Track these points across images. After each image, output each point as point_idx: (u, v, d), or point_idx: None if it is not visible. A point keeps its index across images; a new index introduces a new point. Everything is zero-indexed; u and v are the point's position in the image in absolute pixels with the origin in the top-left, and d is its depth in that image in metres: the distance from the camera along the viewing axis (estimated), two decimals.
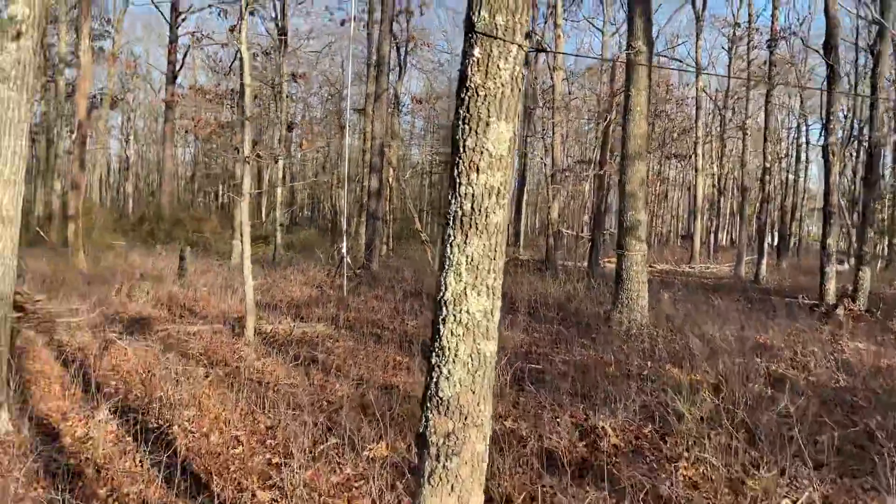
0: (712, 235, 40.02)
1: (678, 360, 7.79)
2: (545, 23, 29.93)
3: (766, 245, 21.79)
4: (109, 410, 5.15)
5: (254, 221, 38.39)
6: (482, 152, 2.24)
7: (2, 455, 4.29)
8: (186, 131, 23.74)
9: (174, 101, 27.02)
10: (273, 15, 25.47)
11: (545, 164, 21.48)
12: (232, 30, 9.19)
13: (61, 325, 8.67)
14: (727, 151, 37.09)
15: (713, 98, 34.28)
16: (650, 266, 27.32)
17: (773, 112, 25.27)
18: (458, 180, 2.31)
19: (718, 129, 32.26)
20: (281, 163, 20.63)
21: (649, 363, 7.84)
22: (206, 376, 6.71)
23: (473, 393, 2.40)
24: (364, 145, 22.70)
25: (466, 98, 2.26)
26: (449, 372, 2.37)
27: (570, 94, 24.97)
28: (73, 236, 16.79)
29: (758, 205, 26.27)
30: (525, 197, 34.42)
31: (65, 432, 4.83)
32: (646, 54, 10.32)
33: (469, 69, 2.25)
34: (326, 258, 19.05)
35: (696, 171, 30.05)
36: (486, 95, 2.22)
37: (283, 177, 21.79)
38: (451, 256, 2.35)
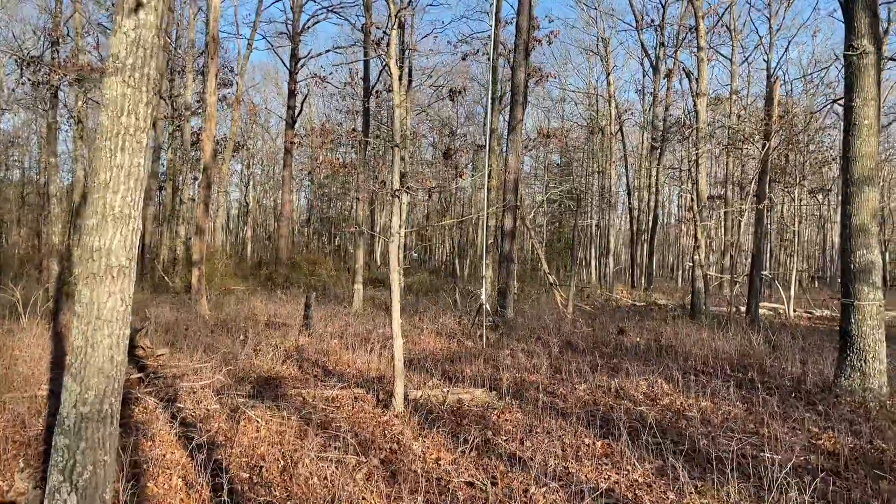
0: None
1: None
2: (677, 48, 27.89)
3: None
4: None
5: (367, 261, 37.83)
6: None
7: None
8: (309, 172, 23.35)
9: (292, 145, 26.88)
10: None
11: (692, 198, 19.29)
12: (377, 44, 8.05)
13: (185, 389, 7.51)
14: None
15: None
16: (807, 312, 24.25)
17: None
18: None
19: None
20: (405, 203, 19.55)
21: None
22: (358, 466, 5.22)
23: None
24: (488, 183, 21.31)
25: None
26: None
27: (724, 121, 22.65)
28: (197, 282, 16.24)
29: None
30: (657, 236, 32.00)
31: None
32: (873, 56, 8.28)
33: None
34: (453, 304, 17.63)
35: None
36: None
37: (405, 217, 20.73)
38: None
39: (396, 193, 6.82)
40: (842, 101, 9.06)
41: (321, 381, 8.54)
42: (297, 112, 32.95)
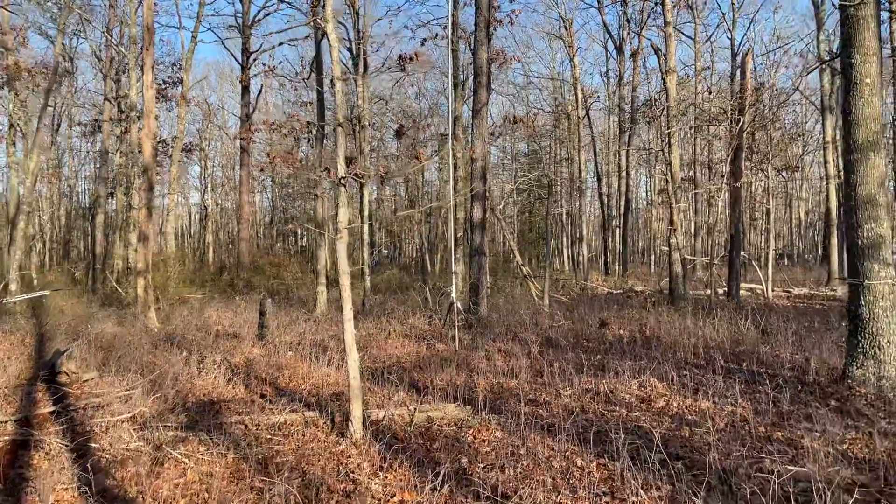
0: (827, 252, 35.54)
1: None
2: (643, 25, 27.15)
3: None
4: None
5: (335, 261, 36.68)
6: None
7: None
8: (262, 169, 22.11)
9: (248, 142, 25.50)
10: (348, 44, 23.69)
11: (667, 179, 18.49)
12: (314, 6, 6.88)
13: (104, 423, 6.35)
14: None
15: None
16: (785, 291, 23.71)
17: None
18: None
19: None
20: (367, 196, 18.42)
21: None
22: None
23: None
24: (455, 174, 20.29)
25: None
26: None
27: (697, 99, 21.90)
28: (143, 293, 14.94)
29: None
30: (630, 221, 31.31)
31: None
32: (872, 6, 7.42)
33: None
34: (423, 302, 16.57)
35: (828, 178, 26.32)
36: None
37: (369, 213, 19.59)
38: None
39: (342, 182, 5.74)
40: (833, 62, 8.21)
41: (270, 401, 7.43)
42: (251, 108, 31.53)
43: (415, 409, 6.44)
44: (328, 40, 5.88)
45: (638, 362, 9.05)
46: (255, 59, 30.17)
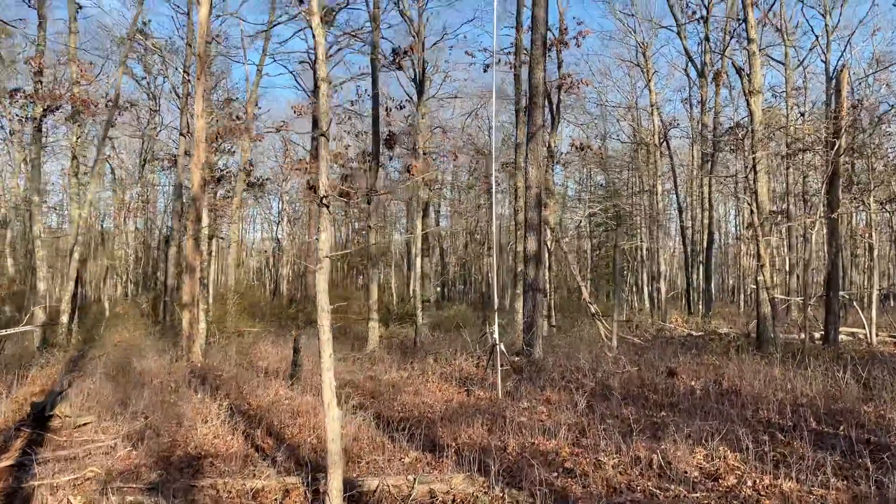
0: None
1: None
2: (725, 46, 25.41)
3: None
4: None
5: (402, 295, 35.85)
6: None
7: None
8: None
9: (314, 174, 25.28)
10: (412, 73, 23.20)
11: (752, 210, 16.70)
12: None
13: (57, 483, 5.52)
14: None
15: None
16: (891, 336, 21.01)
17: None
18: None
19: None
20: (419, 226, 17.53)
21: None
22: None
23: None
24: (516, 204, 19.18)
25: None
26: None
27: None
28: (188, 326, 14.48)
29: None
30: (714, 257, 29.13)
31: None
32: None
33: None
34: (476, 342, 15.38)
35: None
36: None
37: (427, 247, 18.67)
38: None
39: (323, 202, 4.75)
40: None
41: (265, 456, 6.46)
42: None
43: (414, 479, 5.29)
44: (313, 35, 4.98)
45: (708, 422, 7.56)
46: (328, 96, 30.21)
